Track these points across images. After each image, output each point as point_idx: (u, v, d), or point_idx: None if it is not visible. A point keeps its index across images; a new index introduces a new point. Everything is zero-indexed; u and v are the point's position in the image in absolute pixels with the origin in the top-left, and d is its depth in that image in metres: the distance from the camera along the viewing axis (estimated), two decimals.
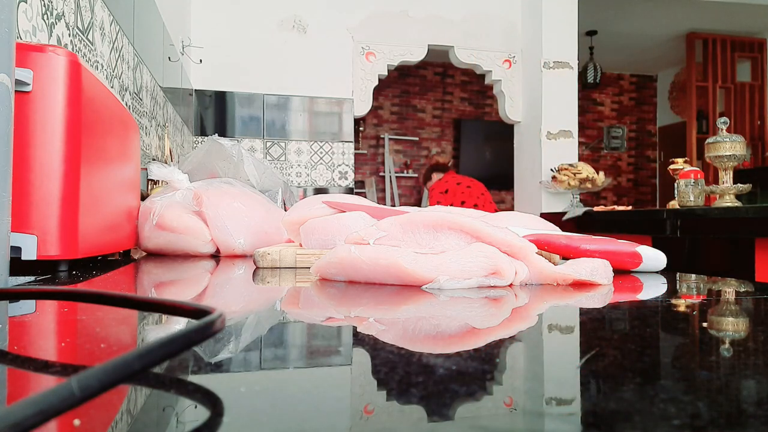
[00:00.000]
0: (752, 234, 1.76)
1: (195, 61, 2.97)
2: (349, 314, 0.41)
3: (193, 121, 3.17)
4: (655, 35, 5.86)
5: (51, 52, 0.58)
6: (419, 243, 0.54)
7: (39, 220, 0.57)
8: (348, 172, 3.50)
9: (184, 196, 0.97)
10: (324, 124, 3.47)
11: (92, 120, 0.64)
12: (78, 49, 1.05)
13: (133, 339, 0.32)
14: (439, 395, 0.21)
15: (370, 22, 3.50)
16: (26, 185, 0.56)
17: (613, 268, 0.58)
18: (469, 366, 0.25)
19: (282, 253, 0.70)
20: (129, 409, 0.20)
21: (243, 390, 0.21)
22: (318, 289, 0.51)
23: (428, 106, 6.82)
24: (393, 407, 0.20)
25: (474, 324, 0.37)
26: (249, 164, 1.44)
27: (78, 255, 0.60)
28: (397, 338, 0.32)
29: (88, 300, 0.33)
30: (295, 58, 3.39)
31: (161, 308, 0.30)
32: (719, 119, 2.22)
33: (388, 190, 6.50)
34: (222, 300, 0.50)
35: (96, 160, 0.66)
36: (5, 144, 0.46)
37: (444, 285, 0.49)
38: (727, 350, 0.29)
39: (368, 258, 0.51)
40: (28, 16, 0.81)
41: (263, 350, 0.29)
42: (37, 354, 0.28)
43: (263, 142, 3.37)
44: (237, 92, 3.32)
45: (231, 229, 0.95)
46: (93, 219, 0.65)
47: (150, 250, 0.97)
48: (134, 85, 1.56)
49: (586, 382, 0.23)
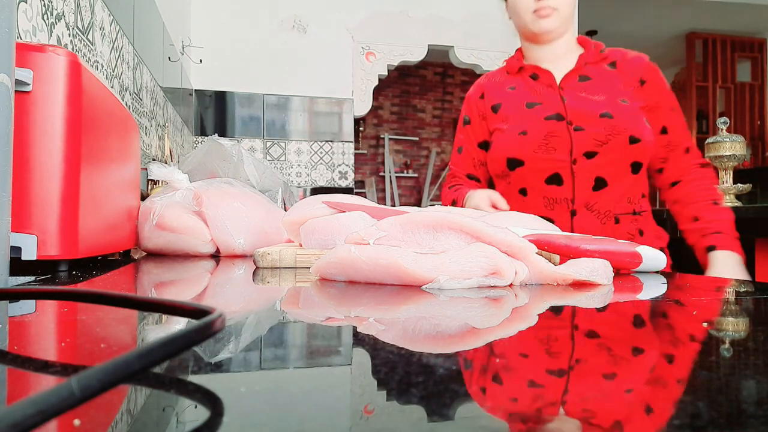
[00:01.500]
0: (752, 234, 1.76)
1: (195, 61, 2.98)
2: (349, 314, 0.41)
3: (193, 121, 3.17)
4: (655, 35, 5.87)
5: (51, 52, 0.58)
6: (419, 243, 0.54)
7: (39, 220, 0.57)
8: (348, 172, 3.50)
9: (184, 196, 0.97)
10: (324, 124, 3.47)
11: (92, 120, 0.64)
12: (78, 49, 1.05)
13: (133, 339, 0.32)
14: (439, 395, 0.21)
15: (370, 22, 3.50)
16: (26, 185, 0.56)
17: (613, 267, 0.58)
18: (469, 366, 0.25)
19: (282, 253, 0.70)
20: (129, 409, 0.20)
21: (243, 390, 0.22)
22: (318, 289, 0.51)
23: (428, 106, 6.82)
24: (393, 407, 0.20)
25: (474, 324, 0.37)
26: (249, 164, 1.44)
27: (78, 255, 0.60)
28: (397, 338, 0.32)
29: (88, 300, 0.33)
30: (295, 58, 3.39)
31: (161, 308, 0.30)
32: (719, 119, 2.22)
33: (388, 190, 6.50)
34: (222, 300, 0.50)
35: (96, 160, 0.66)
36: (5, 144, 0.46)
37: (444, 285, 0.49)
38: (727, 350, 0.29)
39: (368, 258, 0.51)
40: (28, 16, 0.81)
41: (263, 350, 0.29)
42: (37, 354, 0.28)
43: (263, 142, 3.37)
44: (237, 92, 3.32)
45: (231, 229, 0.95)
46: (93, 219, 0.65)
47: (150, 250, 0.97)
48: (134, 85, 1.56)
49: (586, 382, 0.23)
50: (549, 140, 1.22)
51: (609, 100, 1.22)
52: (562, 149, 1.21)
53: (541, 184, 1.23)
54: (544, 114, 1.24)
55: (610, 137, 1.18)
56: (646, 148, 1.20)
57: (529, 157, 1.23)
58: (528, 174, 1.25)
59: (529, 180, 1.25)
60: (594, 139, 1.19)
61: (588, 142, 1.20)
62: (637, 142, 1.19)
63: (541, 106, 1.26)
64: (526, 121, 1.26)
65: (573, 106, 1.23)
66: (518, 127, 1.26)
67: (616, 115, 1.19)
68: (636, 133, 1.19)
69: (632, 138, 1.19)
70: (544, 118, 1.24)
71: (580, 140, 1.20)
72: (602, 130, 1.19)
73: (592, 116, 1.20)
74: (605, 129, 1.19)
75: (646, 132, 1.21)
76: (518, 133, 1.25)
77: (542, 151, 1.22)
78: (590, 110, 1.21)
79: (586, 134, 1.20)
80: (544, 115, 1.24)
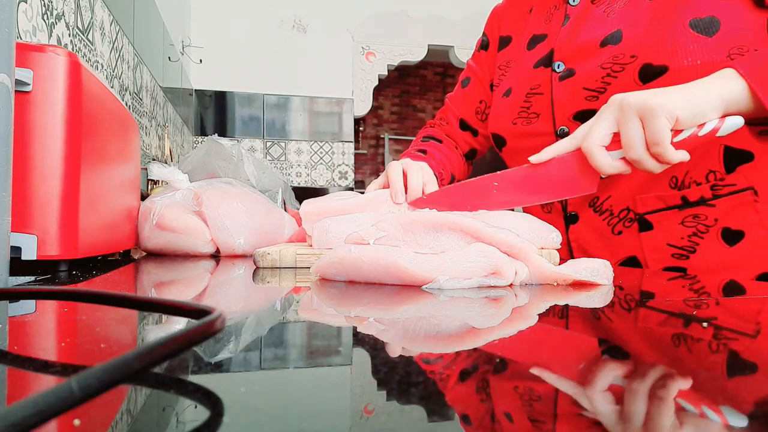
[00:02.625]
0: None
1: (195, 61, 2.98)
2: (349, 314, 0.41)
3: (193, 121, 3.17)
4: None
5: (51, 52, 0.58)
6: (419, 243, 0.54)
7: (39, 220, 0.57)
8: (348, 172, 3.50)
9: (184, 196, 0.97)
10: (324, 124, 3.47)
11: (92, 120, 0.64)
12: (78, 49, 1.05)
13: (133, 339, 0.32)
14: (439, 395, 0.21)
15: (370, 22, 3.50)
16: (26, 185, 0.56)
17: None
18: (469, 366, 0.25)
19: (282, 253, 0.70)
20: (129, 409, 0.20)
21: (243, 390, 0.22)
22: (318, 289, 0.51)
23: (428, 106, 6.81)
24: (393, 407, 0.20)
25: (474, 324, 0.37)
26: (249, 164, 1.44)
27: (78, 255, 0.60)
28: (398, 338, 0.32)
29: (88, 300, 0.33)
30: (295, 58, 3.39)
31: (161, 308, 0.30)
32: None
33: None
34: (222, 300, 0.50)
35: (96, 160, 0.66)
36: (5, 144, 0.46)
37: (444, 285, 0.49)
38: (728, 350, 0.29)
39: (368, 258, 0.51)
40: (28, 16, 0.81)
41: (263, 350, 0.29)
42: (37, 354, 0.28)
43: (263, 142, 3.37)
44: (237, 92, 3.32)
45: (231, 229, 0.95)
46: (93, 219, 0.65)
47: (150, 250, 0.97)
48: (134, 85, 1.56)
49: (587, 381, 0.23)
50: (531, 101, 0.80)
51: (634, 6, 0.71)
52: (545, 113, 0.79)
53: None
54: (538, 56, 0.81)
55: (609, 77, 0.71)
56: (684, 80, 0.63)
57: (509, 131, 0.84)
58: (513, 156, 0.86)
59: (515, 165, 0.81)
60: (585, 88, 0.74)
61: (576, 95, 0.75)
62: (660, 75, 0.67)
63: (544, 41, 0.82)
64: (517, 70, 0.85)
65: (568, 33, 0.77)
66: (506, 83, 0.87)
67: (629, 33, 0.70)
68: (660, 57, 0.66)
69: (649, 68, 0.67)
70: (532, 65, 0.82)
71: (567, 93, 0.75)
72: (598, 68, 0.72)
73: (588, 46, 0.73)
74: (604, 64, 0.72)
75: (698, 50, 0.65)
76: (501, 95, 0.86)
77: (522, 119, 0.81)
78: (590, 36, 0.74)
79: (575, 82, 0.75)
80: (537, 58, 0.82)
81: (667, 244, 0.73)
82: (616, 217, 0.76)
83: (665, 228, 0.73)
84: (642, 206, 0.74)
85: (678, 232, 0.72)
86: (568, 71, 0.75)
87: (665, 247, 0.73)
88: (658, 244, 0.73)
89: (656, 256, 0.74)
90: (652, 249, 0.74)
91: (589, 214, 0.78)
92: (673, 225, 0.72)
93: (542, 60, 0.80)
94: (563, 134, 0.77)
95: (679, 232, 0.72)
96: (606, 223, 0.77)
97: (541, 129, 0.80)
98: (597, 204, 0.77)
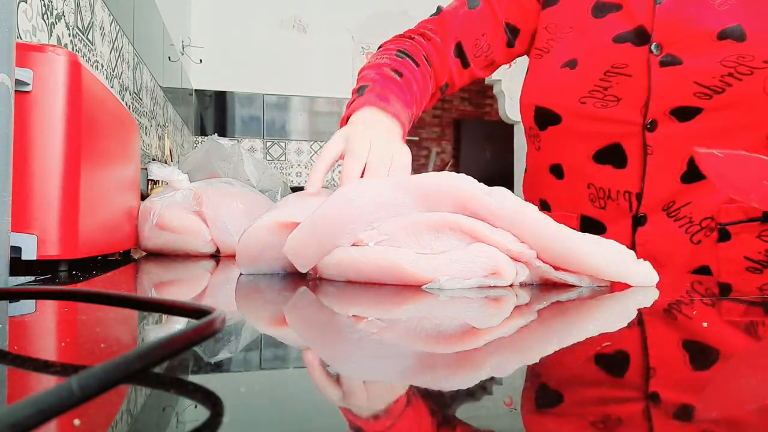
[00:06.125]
0: None
1: (195, 61, 2.98)
2: (349, 314, 0.41)
3: (193, 121, 3.17)
4: None
5: (51, 52, 0.58)
6: (420, 244, 0.54)
7: (39, 220, 0.57)
8: None
9: (184, 196, 0.97)
10: (324, 124, 3.47)
11: (92, 120, 0.64)
12: (78, 49, 1.05)
13: (133, 339, 0.32)
14: (440, 395, 0.21)
15: (370, 22, 3.50)
16: (26, 185, 0.56)
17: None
18: (469, 365, 0.25)
19: None
20: (129, 409, 0.20)
21: (243, 390, 0.22)
22: (317, 289, 0.51)
23: None
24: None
25: (474, 324, 0.37)
26: (249, 164, 1.44)
27: (78, 255, 0.60)
28: (398, 338, 0.32)
29: (88, 300, 0.33)
30: (295, 58, 3.39)
31: (161, 308, 0.30)
32: None
33: None
34: (222, 300, 0.50)
35: (96, 160, 0.66)
36: (5, 144, 0.46)
37: (444, 285, 0.49)
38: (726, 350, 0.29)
39: (368, 259, 0.51)
40: (28, 16, 0.81)
41: (263, 350, 0.29)
42: (37, 354, 0.28)
43: (263, 142, 3.37)
44: (237, 92, 3.32)
45: (231, 229, 0.95)
46: (93, 219, 0.65)
47: (150, 250, 0.97)
48: (134, 85, 1.56)
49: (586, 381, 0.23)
50: (611, 81, 0.70)
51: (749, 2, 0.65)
52: (632, 99, 0.69)
53: (588, 161, 0.73)
54: (617, 29, 0.70)
55: (732, 78, 0.64)
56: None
57: (571, 109, 0.73)
58: (566, 140, 0.75)
59: (567, 151, 0.75)
60: (696, 82, 0.66)
61: (682, 88, 0.67)
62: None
63: (620, 12, 0.71)
64: (583, 40, 0.73)
65: (667, 12, 0.68)
66: (566, 51, 0.74)
67: (756, 32, 0.64)
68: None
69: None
70: (612, 39, 0.70)
71: (670, 83, 0.67)
72: (717, 64, 0.65)
73: (701, 35, 0.66)
74: (725, 61, 0.65)
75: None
76: (561, 64, 0.74)
77: (596, 100, 0.70)
78: (702, 24, 0.66)
79: (684, 72, 0.67)
80: (615, 31, 0.70)
81: (743, 257, 0.70)
82: (696, 225, 0.70)
83: (742, 240, 0.70)
84: (725, 216, 0.70)
85: (755, 246, 0.70)
86: (673, 58, 0.67)
87: (741, 260, 0.70)
88: (734, 255, 0.70)
89: (730, 268, 0.71)
90: (727, 260, 0.71)
91: (662, 219, 0.71)
92: (750, 238, 0.70)
93: (627, 36, 0.69)
94: (653, 128, 0.68)
95: (757, 246, 0.70)
96: (684, 230, 0.71)
97: (622, 116, 0.70)
98: (672, 209, 0.70)
